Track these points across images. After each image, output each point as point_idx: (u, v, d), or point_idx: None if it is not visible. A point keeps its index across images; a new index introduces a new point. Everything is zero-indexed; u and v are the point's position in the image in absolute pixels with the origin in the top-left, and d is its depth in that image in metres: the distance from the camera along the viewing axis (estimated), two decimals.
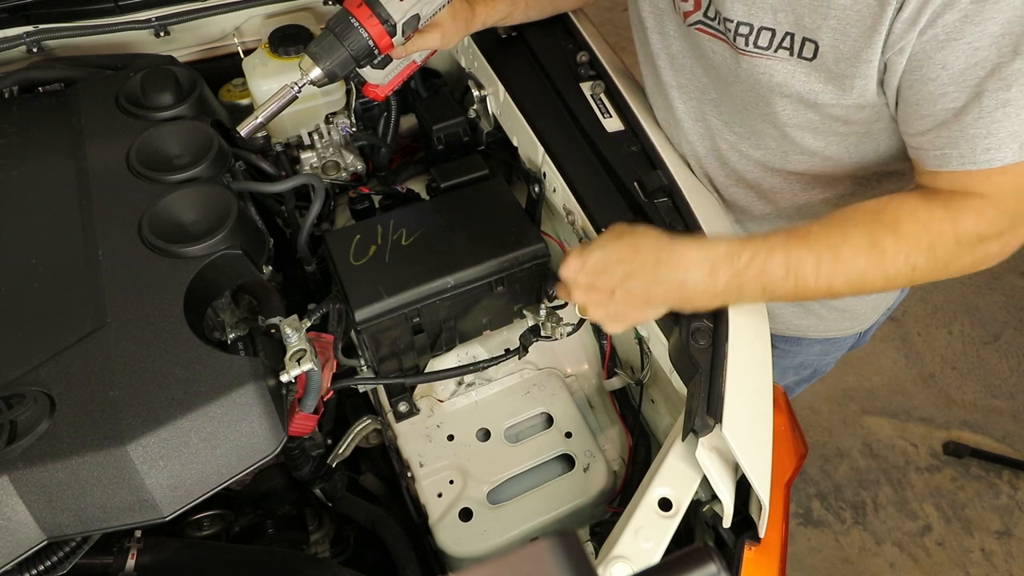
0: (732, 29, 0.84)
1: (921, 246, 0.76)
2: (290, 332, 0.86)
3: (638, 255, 0.79)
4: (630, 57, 1.14)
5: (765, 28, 0.82)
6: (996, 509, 2.16)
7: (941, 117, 0.74)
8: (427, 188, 1.25)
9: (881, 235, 0.76)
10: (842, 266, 0.76)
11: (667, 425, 1.02)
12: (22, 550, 0.71)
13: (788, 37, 0.80)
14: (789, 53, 0.81)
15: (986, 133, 0.71)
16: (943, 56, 0.71)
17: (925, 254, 0.76)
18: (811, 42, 0.79)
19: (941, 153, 0.75)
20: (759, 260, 0.76)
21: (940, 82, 0.72)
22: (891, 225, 0.76)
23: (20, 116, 1.07)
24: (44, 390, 0.74)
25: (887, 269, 0.76)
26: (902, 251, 0.76)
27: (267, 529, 1.08)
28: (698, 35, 0.92)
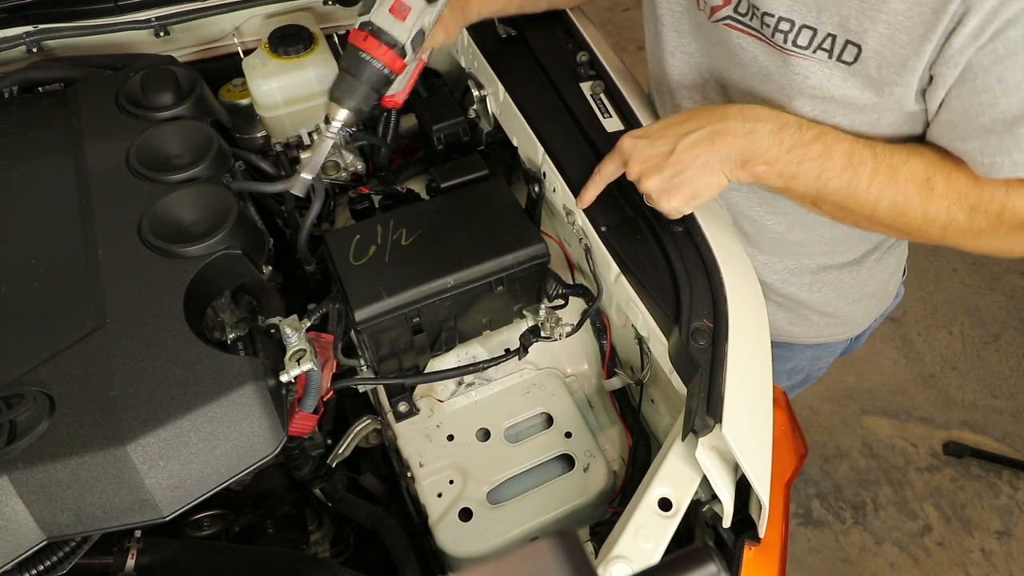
0: (772, 25, 0.82)
1: (966, 203, 0.77)
2: (290, 332, 0.86)
3: (704, 111, 0.81)
4: (630, 57, 1.14)
5: (807, 26, 0.79)
6: (996, 509, 2.16)
7: (989, 127, 0.74)
8: (427, 188, 1.25)
9: (937, 174, 0.77)
10: (894, 185, 0.78)
11: (667, 425, 1.02)
12: (22, 550, 0.71)
13: (830, 38, 0.78)
14: (828, 55, 0.79)
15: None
16: (1000, 70, 0.71)
17: (966, 212, 0.78)
18: (854, 45, 0.77)
19: (991, 161, 0.76)
20: (826, 140, 0.78)
21: (993, 94, 0.73)
22: (949, 171, 0.78)
23: (20, 116, 1.07)
24: (44, 390, 0.74)
25: (928, 209, 0.78)
26: (948, 198, 0.77)
27: (267, 529, 1.08)
28: (726, 31, 0.89)
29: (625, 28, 3.54)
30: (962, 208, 0.78)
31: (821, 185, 0.80)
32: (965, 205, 0.78)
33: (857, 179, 0.78)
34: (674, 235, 0.92)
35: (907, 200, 0.78)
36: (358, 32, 0.84)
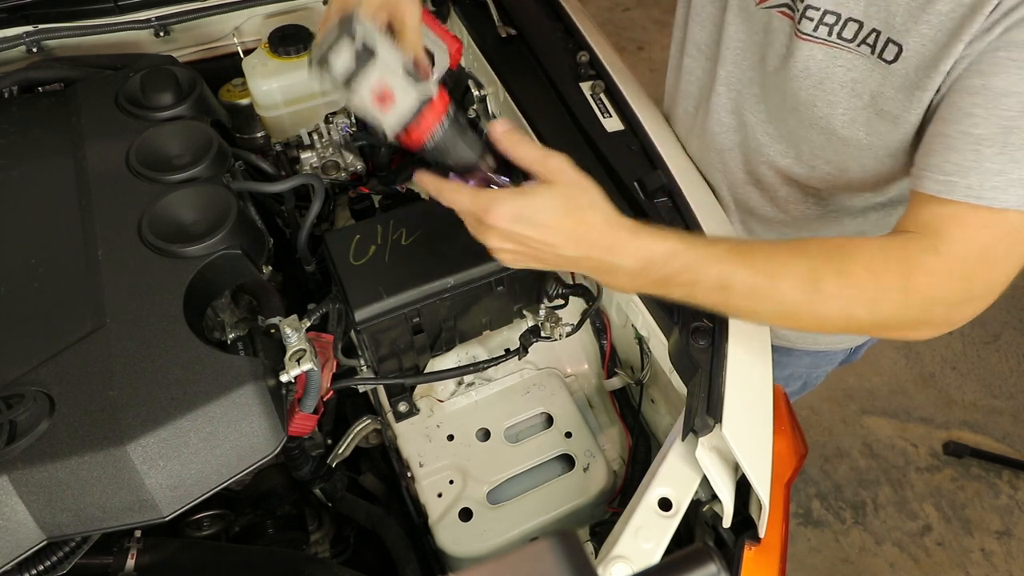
0: (815, 19, 0.80)
1: (864, 297, 0.71)
2: (290, 332, 0.86)
3: (580, 229, 0.71)
4: (630, 57, 1.14)
5: (853, 19, 0.78)
6: (996, 509, 2.16)
7: (954, 140, 0.70)
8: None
9: (826, 274, 0.72)
10: (775, 295, 0.72)
11: (667, 425, 1.02)
12: (22, 550, 0.71)
13: (874, 34, 0.77)
14: (871, 51, 0.78)
15: (999, 170, 0.68)
16: (991, 71, 0.68)
17: (866, 307, 0.72)
18: (895, 44, 0.76)
19: (948, 180, 0.71)
20: (694, 270, 0.72)
21: (973, 99, 0.69)
22: (840, 267, 0.72)
23: (20, 116, 1.07)
24: (44, 390, 0.74)
25: (819, 311, 0.73)
26: (842, 296, 0.72)
27: (267, 529, 1.08)
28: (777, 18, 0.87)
29: (625, 28, 3.54)
30: (862, 303, 0.71)
31: (693, 302, 0.76)
32: (865, 298, 0.71)
33: (730, 295, 0.73)
34: None
35: (791, 307, 0.73)
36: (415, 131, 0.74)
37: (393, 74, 0.71)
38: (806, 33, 0.82)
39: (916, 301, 0.72)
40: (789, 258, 0.73)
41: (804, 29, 0.82)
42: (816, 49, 0.82)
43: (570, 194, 0.72)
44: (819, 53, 0.82)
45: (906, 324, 0.74)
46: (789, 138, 0.93)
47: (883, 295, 0.71)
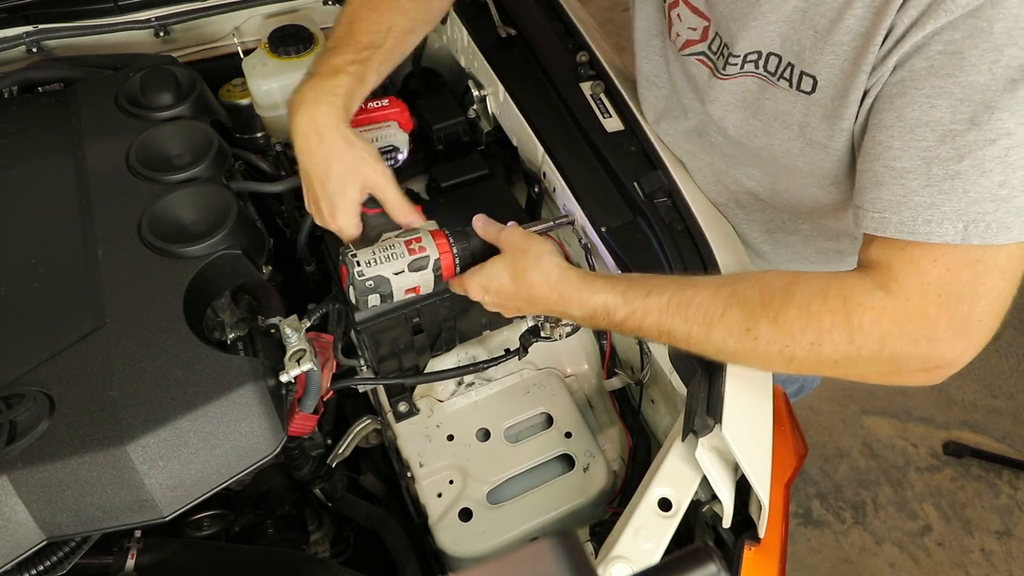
0: (739, 61, 0.82)
1: (803, 340, 0.70)
2: (289, 332, 0.86)
3: (532, 291, 0.84)
4: (630, 57, 1.14)
5: (773, 54, 0.79)
6: (996, 509, 2.16)
7: (880, 175, 0.69)
8: (427, 188, 1.25)
9: (759, 321, 0.71)
10: (711, 343, 0.75)
11: (667, 425, 1.02)
12: (22, 550, 0.71)
13: (789, 68, 0.78)
14: (789, 84, 0.79)
15: (930, 203, 0.66)
16: (901, 104, 0.67)
17: (806, 350, 0.70)
18: (809, 76, 0.76)
19: (881, 216, 0.69)
20: (635, 319, 0.78)
21: (890, 132, 0.68)
22: (775, 312, 0.71)
23: (20, 116, 1.07)
24: (44, 390, 0.74)
25: (759, 356, 0.73)
26: (778, 342, 0.71)
27: (267, 529, 1.08)
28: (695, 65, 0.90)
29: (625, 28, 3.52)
30: (800, 346, 0.70)
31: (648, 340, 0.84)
32: (804, 341, 0.70)
33: (674, 341, 0.78)
34: (674, 235, 0.92)
35: (731, 352, 0.75)
36: None
37: (406, 274, 0.86)
38: (731, 74, 0.84)
39: (865, 342, 0.69)
40: (725, 307, 0.74)
41: (728, 72, 0.84)
42: (749, 81, 0.83)
43: (514, 261, 0.85)
44: (752, 84, 0.83)
45: (861, 369, 0.71)
46: (749, 162, 0.93)
47: (823, 337, 0.70)
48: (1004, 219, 0.64)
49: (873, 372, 0.71)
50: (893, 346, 0.68)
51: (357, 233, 0.90)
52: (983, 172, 0.64)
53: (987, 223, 0.64)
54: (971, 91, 0.63)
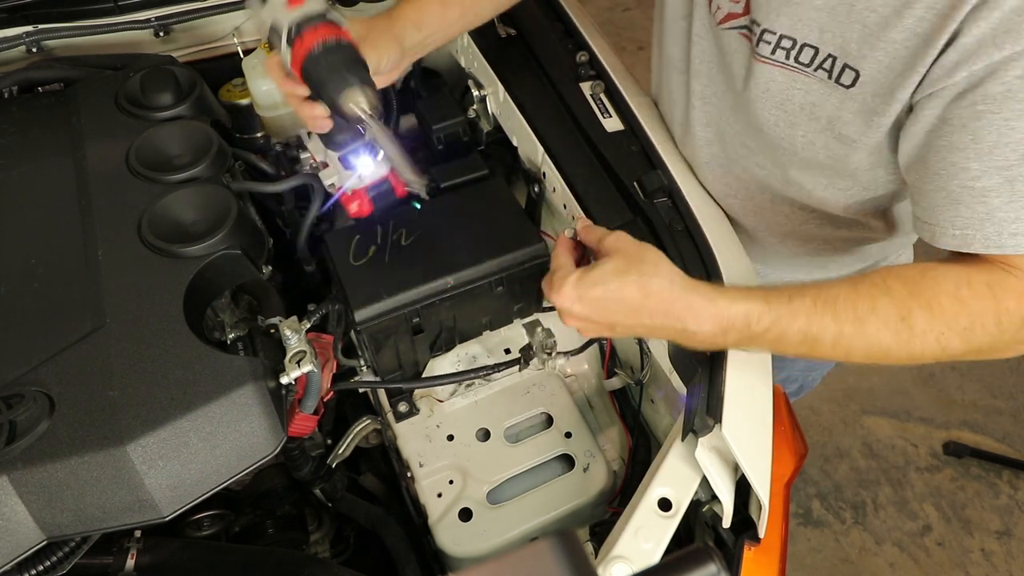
0: (772, 43, 0.81)
1: (957, 327, 0.71)
2: (289, 334, 0.86)
3: (648, 300, 0.71)
4: (630, 57, 1.14)
5: (808, 45, 0.79)
6: (996, 509, 2.16)
7: (958, 195, 0.70)
8: (427, 188, 1.25)
9: (914, 310, 0.70)
10: (864, 339, 0.71)
11: (667, 425, 1.02)
12: (22, 550, 0.71)
13: (830, 59, 0.78)
14: (828, 75, 0.78)
15: (1015, 218, 0.68)
16: (976, 127, 0.68)
17: (960, 336, 0.71)
18: (852, 70, 0.76)
19: (963, 234, 0.71)
20: (779, 327, 0.71)
21: (965, 154, 0.69)
22: (928, 300, 0.71)
23: (20, 116, 1.07)
24: (44, 390, 0.74)
25: (914, 347, 0.71)
26: (934, 330, 0.71)
27: (267, 529, 1.08)
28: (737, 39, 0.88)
29: (625, 28, 3.54)
30: (955, 332, 0.71)
31: (777, 352, 0.76)
32: (958, 328, 0.71)
33: (818, 346, 0.72)
34: (674, 235, 0.92)
35: (884, 348, 0.72)
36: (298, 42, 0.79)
37: None
38: (764, 56, 0.83)
39: (1011, 324, 0.71)
40: (873, 300, 0.71)
41: (762, 52, 0.83)
42: (776, 72, 0.83)
43: (628, 266, 0.72)
44: (779, 76, 0.83)
45: (1000, 348, 0.74)
46: (763, 151, 0.93)
47: (975, 322, 0.71)
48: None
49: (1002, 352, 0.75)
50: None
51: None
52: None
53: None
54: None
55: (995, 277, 0.71)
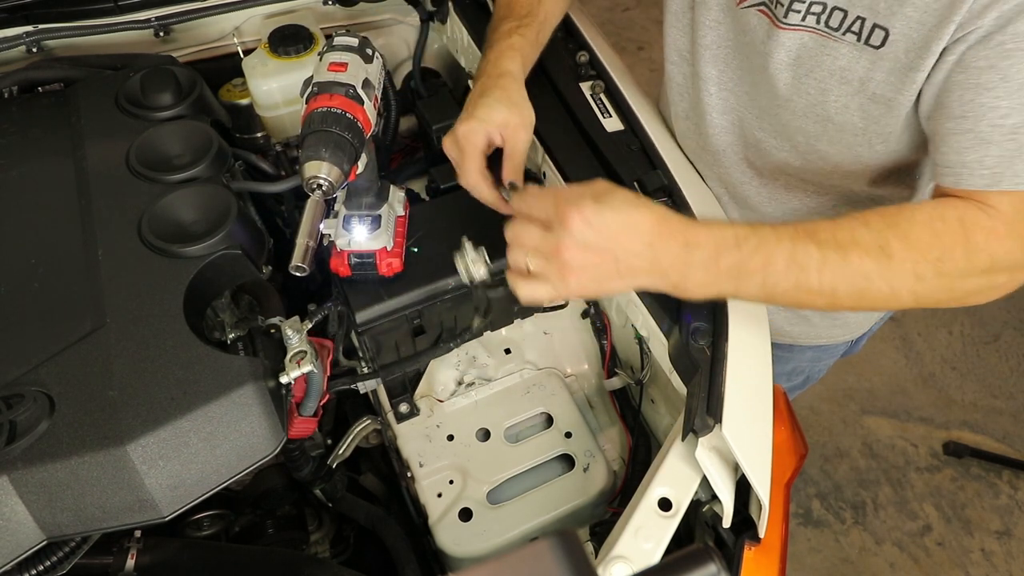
0: (803, 10, 0.82)
1: (930, 256, 0.73)
2: (291, 333, 0.86)
3: (659, 225, 0.72)
4: (630, 57, 1.15)
5: (838, 8, 0.79)
6: (996, 509, 2.16)
7: (987, 134, 0.71)
8: (427, 188, 1.25)
9: (891, 239, 0.73)
10: (848, 268, 0.73)
11: (667, 425, 1.02)
12: (22, 550, 0.71)
13: (859, 21, 0.78)
14: (857, 38, 0.79)
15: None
16: (1006, 66, 0.69)
17: (933, 266, 0.73)
18: (881, 29, 0.76)
19: (991, 172, 0.72)
20: (766, 249, 0.72)
21: (995, 93, 0.70)
22: (903, 230, 0.73)
23: (20, 116, 1.07)
24: (44, 390, 0.74)
25: (893, 277, 0.73)
26: (910, 258, 0.72)
27: (267, 529, 1.08)
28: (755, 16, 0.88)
29: (625, 28, 3.54)
30: (929, 262, 0.73)
31: (767, 292, 0.75)
32: (931, 257, 0.73)
33: (805, 275, 0.73)
34: None
35: (866, 277, 0.73)
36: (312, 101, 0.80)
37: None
38: (792, 24, 0.83)
39: (977, 258, 0.73)
40: (852, 230, 0.74)
41: (790, 21, 0.83)
42: (807, 37, 0.83)
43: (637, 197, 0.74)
44: (809, 41, 0.83)
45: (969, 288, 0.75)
46: (784, 132, 0.93)
47: (946, 254, 0.73)
48: None
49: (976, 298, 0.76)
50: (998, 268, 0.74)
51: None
52: None
53: None
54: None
55: (967, 214, 0.74)
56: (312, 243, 0.77)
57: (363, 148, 0.82)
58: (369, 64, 0.85)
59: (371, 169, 0.91)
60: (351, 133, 0.79)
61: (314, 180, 0.76)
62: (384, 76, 0.91)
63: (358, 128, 0.80)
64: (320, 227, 0.79)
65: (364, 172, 0.89)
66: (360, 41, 0.86)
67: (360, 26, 1.41)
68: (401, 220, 0.99)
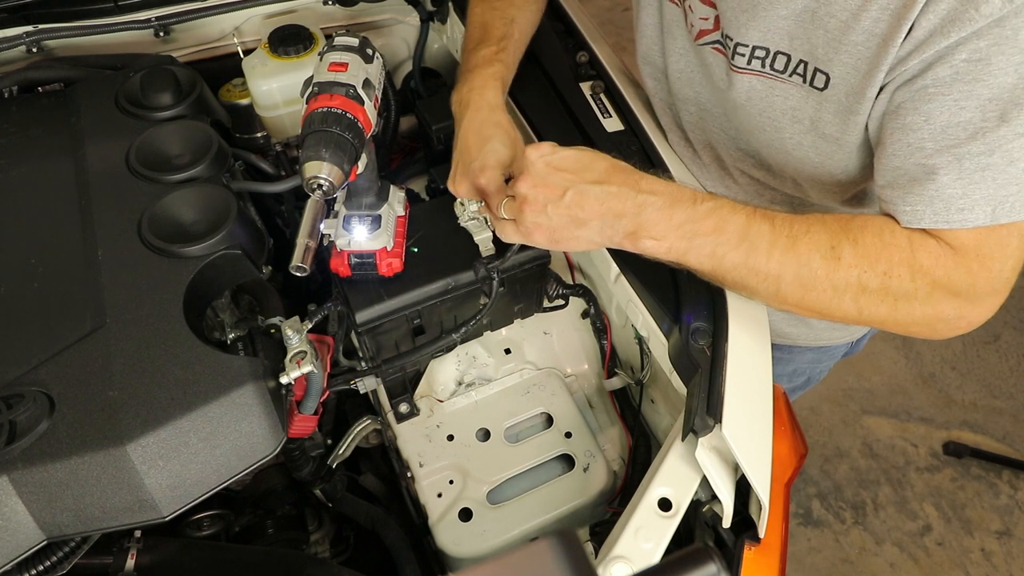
0: (747, 54, 0.84)
1: (877, 268, 0.74)
2: (291, 333, 0.86)
3: (612, 169, 0.78)
4: (630, 57, 1.14)
5: (781, 53, 0.81)
6: (996, 509, 2.16)
7: (913, 173, 0.73)
8: (427, 188, 1.25)
9: (844, 242, 0.74)
10: (795, 256, 0.74)
11: (667, 425, 1.02)
12: (22, 550, 0.71)
13: (802, 64, 0.80)
14: (802, 80, 0.81)
15: (962, 194, 0.71)
16: (928, 109, 0.71)
17: (879, 278, 0.74)
18: (823, 73, 0.78)
19: (913, 210, 0.74)
20: (721, 214, 0.75)
21: (919, 135, 0.72)
22: (855, 236, 0.75)
23: (20, 116, 1.07)
24: (44, 390, 0.74)
25: (837, 279, 0.74)
26: (858, 265, 0.74)
27: (267, 529, 1.08)
28: (712, 53, 0.91)
29: (625, 28, 3.54)
30: (875, 273, 0.74)
31: (716, 262, 0.76)
32: (878, 269, 0.73)
33: (755, 252, 0.74)
34: None
35: (812, 272, 0.74)
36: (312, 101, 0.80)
37: None
38: (741, 67, 0.85)
39: (922, 282, 0.74)
40: (808, 224, 0.75)
41: (738, 64, 0.85)
42: (755, 80, 0.85)
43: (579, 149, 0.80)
44: (758, 84, 0.85)
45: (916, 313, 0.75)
46: (757, 156, 0.95)
47: (893, 269, 0.74)
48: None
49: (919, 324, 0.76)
50: (942, 294, 0.74)
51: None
52: (1011, 161, 0.69)
53: (1011, 203, 0.70)
54: (999, 91, 0.67)
55: (916, 235, 0.75)
56: (312, 243, 0.78)
57: (363, 148, 0.82)
58: (369, 64, 0.85)
59: (371, 169, 0.91)
60: (351, 133, 0.79)
61: (314, 180, 0.76)
62: (384, 76, 0.91)
63: (358, 128, 0.80)
64: (320, 227, 0.79)
65: (364, 172, 0.89)
66: (360, 41, 0.86)
67: (360, 26, 1.41)
68: (401, 220, 0.99)
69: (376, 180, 0.95)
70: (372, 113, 0.83)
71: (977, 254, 0.73)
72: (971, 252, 0.73)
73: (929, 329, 0.78)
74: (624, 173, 0.78)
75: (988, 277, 0.74)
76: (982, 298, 0.76)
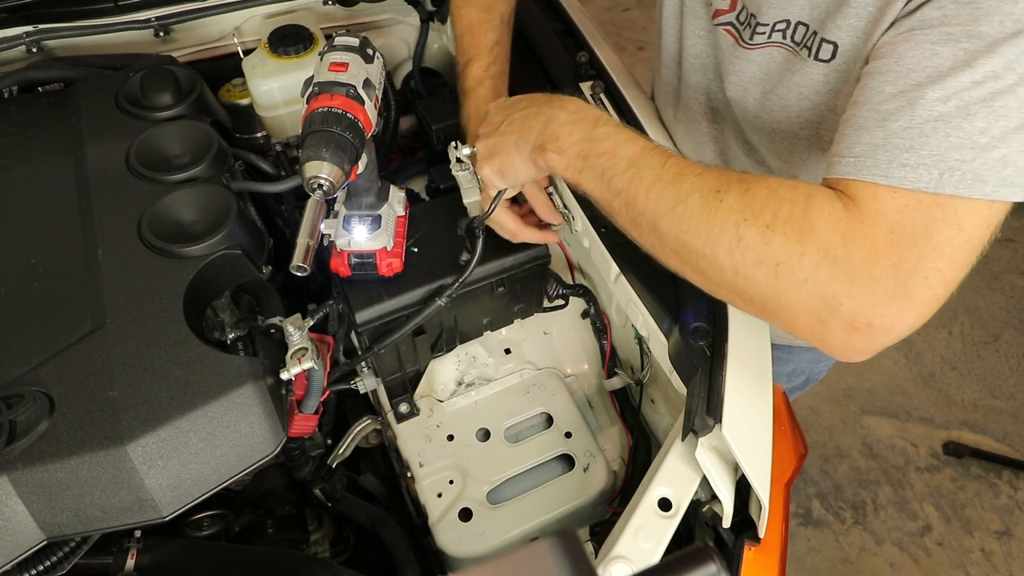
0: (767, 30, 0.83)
1: (761, 219, 0.65)
2: (292, 330, 0.86)
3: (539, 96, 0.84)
4: (630, 57, 1.15)
5: (801, 23, 0.80)
6: (996, 509, 2.16)
7: (864, 119, 0.65)
8: (427, 188, 1.25)
9: (732, 190, 0.67)
10: (676, 191, 0.69)
11: (667, 425, 1.02)
12: (22, 550, 0.71)
13: (813, 36, 0.79)
14: (809, 53, 0.80)
15: (908, 146, 0.62)
16: (903, 50, 0.64)
17: (759, 231, 0.65)
18: (830, 43, 0.77)
19: (855, 160, 0.64)
20: (616, 139, 0.75)
21: (885, 78, 0.65)
22: (748, 186, 0.67)
23: (20, 116, 1.07)
24: (43, 390, 0.74)
25: (713, 223, 0.67)
26: (737, 210, 0.66)
27: (267, 529, 1.08)
28: (723, 35, 0.91)
29: (625, 28, 3.54)
30: (755, 224, 0.65)
31: (605, 185, 0.74)
32: (761, 221, 0.65)
33: (639, 180, 0.72)
34: None
35: (688, 210, 0.68)
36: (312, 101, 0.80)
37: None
38: (757, 44, 0.85)
39: (810, 249, 0.63)
40: (704, 169, 0.71)
41: (755, 41, 0.84)
42: (776, 52, 0.84)
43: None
44: (778, 56, 0.84)
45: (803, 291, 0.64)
46: (766, 145, 0.94)
47: (778, 224, 0.64)
48: (980, 170, 0.60)
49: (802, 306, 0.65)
50: (832, 269, 0.62)
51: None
52: (967, 115, 0.60)
53: (963, 172, 0.60)
54: (976, 39, 0.61)
55: (821, 194, 0.65)
56: (312, 243, 0.78)
57: (364, 148, 0.82)
58: (370, 64, 0.85)
59: (371, 169, 0.91)
60: (352, 133, 0.79)
61: (315, 180, 0.77)
62: (384, 76, 0.91)
63: (359, 128, 0.80)
64: (320, 227, 0.79)
65: (364, 172, 0.89)
66: (361, 41, 0.86)
67: (360, 26, 1.41)
68: (401, 220, 0.99)
69: (376, 180, 0.95)
70: (372, 113, 0.83)
71: (891, 229, 0.62)
72: (884, 223, 0.62)
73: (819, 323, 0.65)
74: (545, 96, 0.83)
75: (895, 264, 0.61)
76: (887, 296, 0.61)
